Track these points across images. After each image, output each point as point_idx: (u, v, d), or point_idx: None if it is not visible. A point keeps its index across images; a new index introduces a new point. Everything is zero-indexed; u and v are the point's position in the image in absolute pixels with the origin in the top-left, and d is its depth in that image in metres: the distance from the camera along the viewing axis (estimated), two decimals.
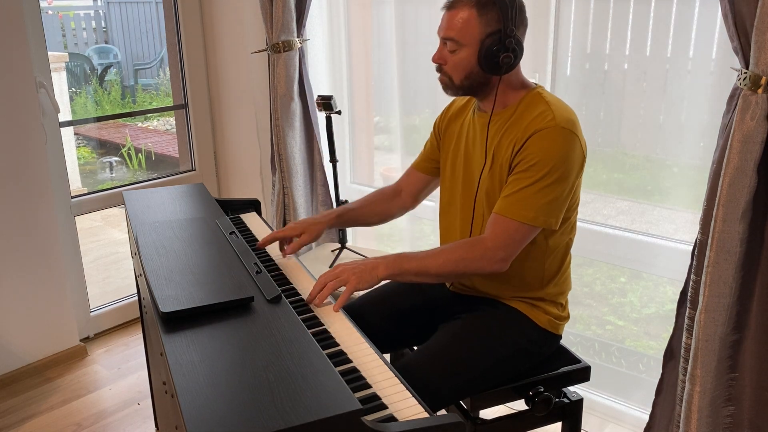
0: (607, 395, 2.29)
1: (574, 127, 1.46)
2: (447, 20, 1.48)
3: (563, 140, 1.43)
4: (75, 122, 4.91)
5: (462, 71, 1.50)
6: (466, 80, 1.51)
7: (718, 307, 1.55)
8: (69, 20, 6.03)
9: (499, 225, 1.46)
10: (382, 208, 1.85)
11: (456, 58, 1.49)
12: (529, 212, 1.43)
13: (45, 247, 2.60)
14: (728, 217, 1.49)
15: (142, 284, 1.69)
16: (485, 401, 1.57)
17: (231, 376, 1.08)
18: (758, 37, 1.38)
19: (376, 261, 1.46)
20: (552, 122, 1.44)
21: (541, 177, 1.43)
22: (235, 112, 3.11)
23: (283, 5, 2.50)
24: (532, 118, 1.47)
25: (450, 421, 1.05)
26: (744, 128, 1.43)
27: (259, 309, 1.32)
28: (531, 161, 1.44)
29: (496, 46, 1.44)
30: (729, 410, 1.64)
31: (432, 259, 1.47)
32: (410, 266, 1.46)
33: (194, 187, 2.10)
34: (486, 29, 1.45)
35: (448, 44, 1.49)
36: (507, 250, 1.45)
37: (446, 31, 1.48)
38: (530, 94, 1.53)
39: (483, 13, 1.44)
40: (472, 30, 1.45)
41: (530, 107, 1.50)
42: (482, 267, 1.46)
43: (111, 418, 2.38)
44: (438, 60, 1.53)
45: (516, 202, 1.45)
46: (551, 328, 1.62)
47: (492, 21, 1.44)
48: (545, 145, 1.43)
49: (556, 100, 1.51)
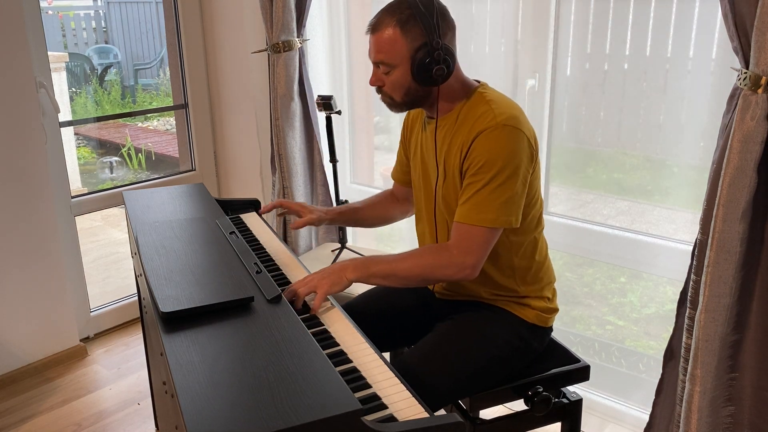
0: (607, 395, 2.29)
1: (516, 121, 1.45)
2: (374, 44, 1.49)
3: (506, 137, 1.43)
4: (75, 122, 4.91)
5: (400, 89, 1.50)
6: (407, 96, 1.52)
7: (718, 307, 1.55)
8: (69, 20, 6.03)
9: (461, 232, 1.47)
10: (384, 211, 1.87)
11: (392, 78, 1.49)
12: (488, 215, 1.44)
13: (45, 247, 2.60)
14: (728, 217, 1.49)
15: (142, 284, 1.69)
16: (484, 401, 1.57)
17: (231, 376, 1.08)
18: (758, 37, 1.38)
19: (344, 264, 1.48)
20: (493, 121, 1.44)
21: (492, 178, 1.43)
22: (235, 112, 3.12)
23: (283, 5, 2.50)
24: (475, 119, 1.48)
25: (450, 421, 1.05)
26: (744, 128, 1.43)
27: (259, 309, 1.32)
28: (479, 163, 1.44)
29: (427, 59, 1.44)
30: (729, 410, 1.64)
31: (400, 263, 1.48)
32: (378, 269, 1.47)
33: (194, 187, 2.10)
34: (412, 45, 1.45)
35: (381, 67, 1.50)
36: (474, 256, 1.45)
37: (376, 55, 1.49)
38: (472, 97, 1.53)
39: (406, 30, 1.44)
40: (399, 49, 1.45)
41: (473, 109, 1.51)
42: (450, 274, 1.47)
43: (111, 418, 2.38)
44: (375, 83, 1.53)
45: (473, 207, 1.45)
46: (540, 322, 1.62)
47: (417, 36, 1.44)
48: (489, 145, 1.43)
49: (498, 98, 1.51)
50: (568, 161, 2.27)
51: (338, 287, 1.45)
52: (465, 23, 2.37)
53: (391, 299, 1.78)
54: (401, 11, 1.45)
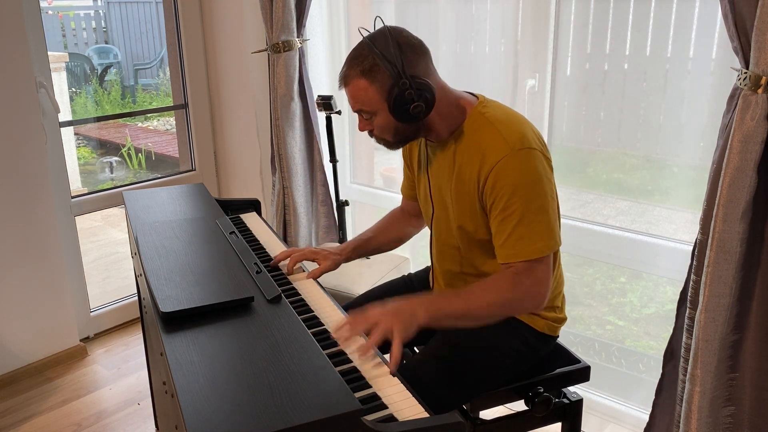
0: (607, 395, 2.29)
1: (527, 140, 1.41)
2: (348, 95, 1.48)
3: (525, 162, 1.39)
4: (75, 122, 4.91)
5: (389, 131, 1.49)
6: (398, 136, 1.50)
7: (718, 307, 1.55)
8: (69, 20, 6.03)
9: (518, 274, 1.41)
10: (397, 232, 1.83)
11: (377, 123, 1.48)
12: (536, 244, 1.39)
13: (45, 247, 2.60)
14: (728, 217, 1.49)
15: (142, 284, 1.69)
16: (485, 402, 1.57)
17: (231, 376, 1.08)
18: (758, 37, 1.38)
19: (412, 306, 1.35)
20: (506, 149, 1.39)
21: (525, 208, 1.38)
22: (235, 112, 3.12)
23: (283, 5, 2.50)
24: (485, 147, 1.42)
25: (450, 421, 1.05)
26: (744, 128, 1.43)
27: (259, 309, 1.32)
28: (505, 197, 1.39)
29: (401, 99, 1.40)
30: (729, 410, 1.64)
31: (473, 300, 1.40)
32: (451, 309, 1.39)
33: (194, 187, 2.10)
34: (383, 89, 1.42)
35: (363, 115, 1.49)
36: (544, 285, 1.41)
37: (353, 105, 1.49)
38: (473, 116, 1.49)
39: (372, 78, 1.42)
40: (371, 97, 1.44)
41: (478, 132, 1.46)
42: (528, 307, 1.45)
43: (111, 418, 2.38)
44: (364, 129, 1.53)
45: (519, 242, 1.40)
46: (549, 331, 1.62)
47: (384, 80, 1.41)
48: (511, 175, 1.39)
49: (500, 115, 1.47)
50: (568, 161, 2.27)
51: (410, 334, 1.31)
52: (465, 23, 2.37)
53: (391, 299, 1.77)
54: (363, 60, 1.43)
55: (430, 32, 2.51)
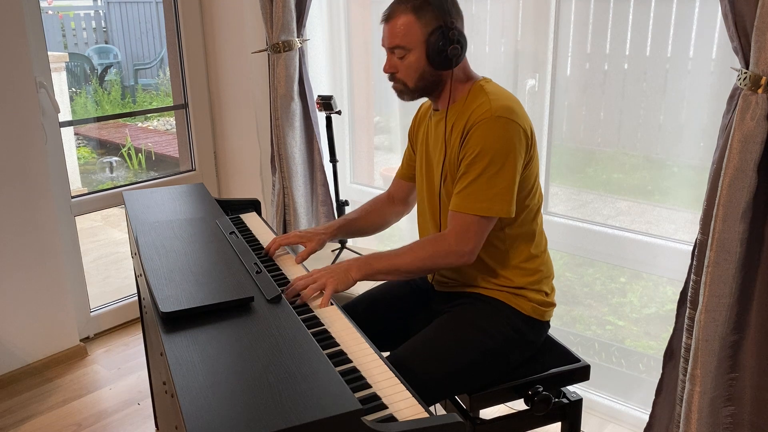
0: (607, 395, 2.29)
1: (511, 113, 1.49)
2: (389, 30, 1.55)
3: (500, 128, 1.47)
4: (75, 122, 4.91)
5: (414, 73, 1.56)
6: (420, 81, 1.57)
7: (718, 307, 1.55)
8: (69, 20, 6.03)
9: (456, 220, 1.52)
10: (378, 217, 1.90)
11: (406, 63, 1.55)
12: (482, 204, 1.49)
13: (45, 247, 2.60)
14: (728, 217, 1.49)
15: (142, 284, 1.69)
16: (485, 401, 1.57)
17: (231, 376, 1.08)
18: (758, 37, 1.38)
19: (348, 264, 1.52)
20: (488, 113, 1.49)
21: (485, 168, 1.48)
22: (235, 112, 3.12)
23: (283, 5, 2.50)
24: (472, 110, 1.52)
25: (450, 421, 1.05)
26: (744, 128, 1.43)
27: (259, 309, 1.32)
28: (473, 154, 1.49)
29: (442, 41, 1.51)
30: (729, 410, 1.64)
31: (402, 257, 1.54)
32: (381, 266, 1.54)
33: (194, 187, 2.10)
34: (427, 29, 1.51)
35: (396, 52, 1.55)
36: (470, 244, 1.51)
37: (391, 41, 1.55)
38: (474, 87, 1.58)
39: (421, 15, 1.51)
40: (414, 33, 1.52)
41: (473, 100, 1.55)
42: (450, 262, 1.53)
43: (111, 418, 2.38)
44: (389, 69, 1.59)
45: (467, 196, 1.50)
46: (536, 314, 1.62)
47: (431, 20, 1.51)
48: (483, 136, 1.48)
49: (496, 90, 1.56)
50: (568, 161, 2.27)
51: (344, 286, 1.49)
52: (465, 23, 2.37)
53: (390, 300, 1.78)
54: None
55: None
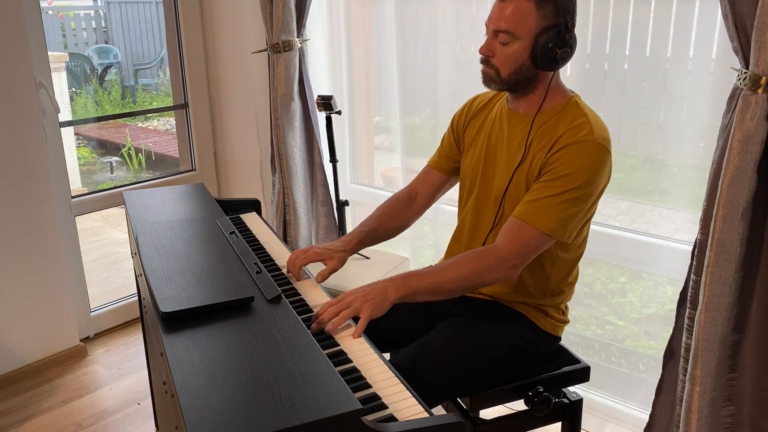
0: (607, 395, 2.29)
1: (609, 144, 1.44)
2: (501, 11, 1.42)
3: (598, 157, 1.41)
4: (75, 122, 4.91)
5: (512, 65, 1.45)
6: (515, 75, 1.46)
7: (718, 307, 1.55)
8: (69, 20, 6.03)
9: (515, 230, 1.42)
10: (398, 221, 1.77)
11: (507, 51, 1.43)
12: (551, 222, 1.41)
13: (45, 247, 2.60)
14: (728, 217, 1.49)
15: (142, 284, 1.69)
16: (485, 401, 1.57)
17: (231, 376, 1.08)
18: (758, 37, 1.38)
19: (384, 285, 1.39)
20: (590, 136, 1.42)
21: (569, 189, 1.40)
22: (235, 112, 3.12)
23: (283, 5, 2.50)
24: (569, 127, 1.44)
25: (450, 421, 1.05)
26: (744, 128, 1.43)
27: (259, 309, 1.32)
28: (562, 172, 1.41)
29: (553, 41, 1.40)
30: (729, 410, 1.64)
31: (443, 274, 1.41)
32: (421, 285, 1.40)
33: (194, 187, 2.10)
34: (543, 23, 1.40)
35: (500, 36, 1.43)
36: (520, 258, 1.42)
37: (499, 23, 1.42)
38: (570, 102, 1.51)
39: (542, 6, 1.39)
40: (529, 23, 1.40)
41: (567, 115, 1.48)
42: (496, 276, 1.42)
43: (111, 418, 2.38)
44: (486, 51, 1.47)
45: (538, 210, 1.41)
46: (552, 330, 1.62)
47: (550, 14, 1.40)
48: (580, 158, 1.40)
49: (594, 114, 1.49)
50: None
51: (380, 311, 1.37)
52: (465, 23, 2.37)
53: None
54: None
55: (430, 32, 2.51)
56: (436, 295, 1.42)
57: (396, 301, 1.39)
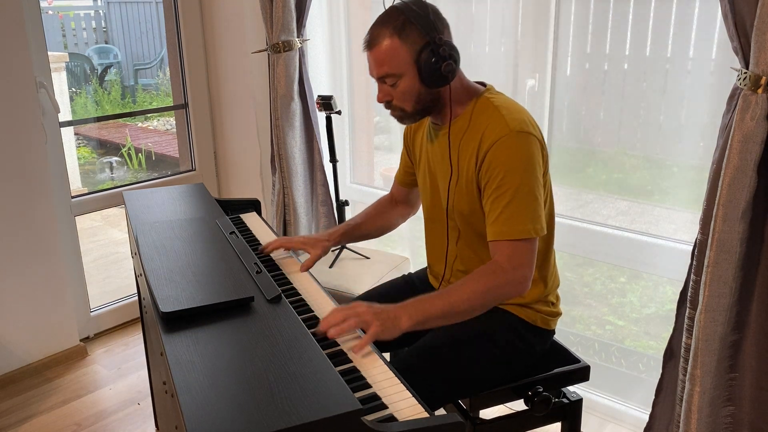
0: (606, 395, 2.29)
1: (527, 125, 1.43)
2: (374, 59, 1.45)
3: (521, 145, 1.41)
4: (75, 122, 4.91)
5: (411, 98, 1.47)
6: (419, 104, 1.49)
7: (718, 307, 1.55)
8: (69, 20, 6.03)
9: (505, 249, 1.42)
10: (383, 220, 1.86)
11: (399, 89, 1.46)
12: (526, 225, 1.41)
13: (45, 247, 2.60)
14: (728, 217, 1.49)
15: (142, 284, 1.69)
16: (485, 401, 1.57)
17: (231, 376, 1.08)
18: (758, 37, 1.38)
19: (396, 311, 1.34)
20: (506, 129, 1.41)
21: (517, 188, 1.40)
22: (235, 112, 3.12)
23: (283, 5, 2.50)
24: (486, 128, 1.45)
25: (450, 421, 1.05)
26: (744, 128, 1.43)
27: (259, 309, 1.32)
28: (499, 175, 1.41)
29: (433, 59, 1.41)
30: (729, 410, 1.64)
31: (455, 295, 1.38)
32: (434, 310, 1.36)
33: (194, 187, 2.10)
34: (414, 48, 1.41)
35: (387, 80, 1.46)
36: (527, 268, 1.41)
37: (378, 70, 1.46)
38: (480, 101, 1.51)
39: (404, 36, 1.41)
40: (401, 56, 1.42)
41: (481, 115, 1.48)
42: (508, 292, 1.41)
43: (111, 418, 2.38)
44: (384, 99, 1.50)
45: (507, 221, 1.41)
46: (543, 324, 1.62)
47: (416, 39, 1.41)
48: (506, 155, 1.41)
49: (505, 102, 1.49)
50: (568, 161, 2.27)
51: (389, 335, 1.31)
52: (465, 23, 2.37)
53: (390, 300, 1.78)
54: (395, 19, 1.42)
55: None
56: (450, 317, 1.38)
57: (408, 329, 1.34)
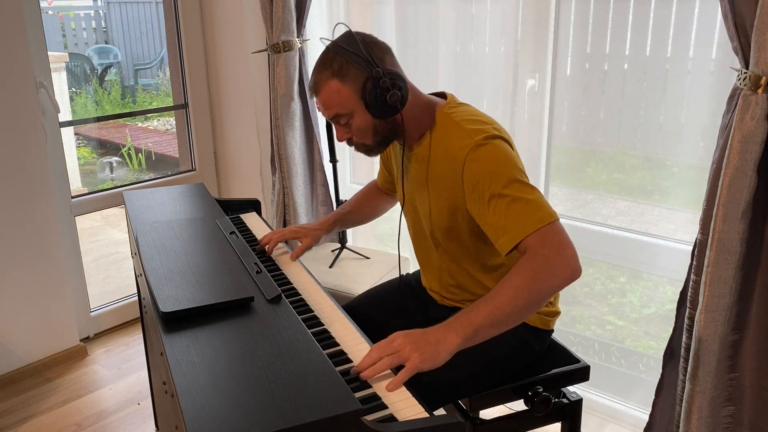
0: (606, 395, 2.29)
1: (489, 130, 1.42)
2: (321, 102, 1.46)
3: (491, 150, 1.39)
4: (75, 122, 4.91)
5: (368, 132, 1.47)
6: (378, 136, 1.48)
7: (718, 307, 1.55)
8: (69, 20, 6.03)
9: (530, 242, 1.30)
10: (372, 207, 1.90)
11: (355, 126, 1.47)
12: (537, 214, 1.31)
13: (45, 247, 2.60)
14: (728, 217, 1.49)
15: (142, 284, 1.69)
16: (485, 401, 1.57)
17: (231, 376, 1.08)
18: (758, 37, 1.38)
19: (440, 333, 1.23)
20: (470, 143, 1.40)
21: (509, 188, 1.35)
22: (235, 112, 3.12)
23: (283, 5, 2.50)
24: (453, 147, 1.43)
25: (450, 421, 1.05)
26: (744, 128, 1.43)
27: (259, 309, 1.32)
28: (486, 188, 1.37)
29: (377, 92, 1.40)
30: (729, 410, 1.64)
31: (500, 298, 1.25)
32: (481, 319, 1.24)
33: (194, 187, 2.10)
34: (356, 86, 1.42)
35: (340, 120, 1.47)
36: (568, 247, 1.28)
37: (328, 112, 1.47)
38: (440, 117, 1.50)
39: (344, 76, 1.41)
40: (346, 97, 1.43)
41: (444, 133, 1.48)
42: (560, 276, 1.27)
43: (111, 418, 2.38)
44: (343, 138, 1.51)
45: (516, 220, 1.32)
46: (542, 325, 1.62)
47: (356, 76, 1.41)
48: (483, 166, 1.38)
49: (465, 115, 1.47)
50: (568, 161, 2.27)
51: (430, 364, 1.20)
52: (465, 23, 2.37)
53: (391, 299, 1.78)
54: (331, 61, 1.42)
55: (430, 32, 2.51)
56: (500, 323, 1.26)
57: (458, 348, 1.23)
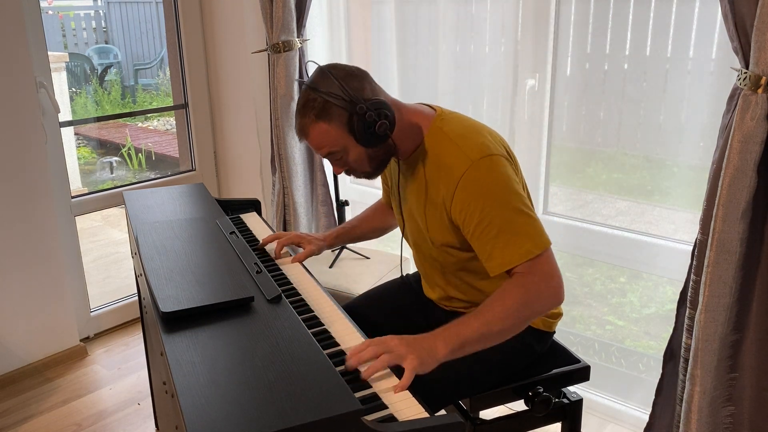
0: (607, 395, 2.29)
1: (486, 148, 1.40)
2: (312, 145, 1.47)
3: (488, 170, 1.38)
4: (75, 122, 4.91)
5: (364, 162, 1.48)
6: (373, 162, 1.49)
7: (718, 307, 1.55)
8: (69, 20, 6.03)
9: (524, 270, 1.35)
10: (379, 222, 1.88)
11: (349, 159, 1.47)
12: (525, 246, 1.34)
13: (45, 247, 2.60)
14: (728, 217, 1.49)
15: (143, 284, 1.69)
16: (485, 401, 1.57)
17: (231, 376, 1.08)
18: (758, 37, 1.38)
19: (430, 341, 1.28)
20: (466, 161, 1.39)
21: (501, 214, 1.35)
22: (235, 112, 3.12)
23: (283, 5, 2.50)
24: (448, 165, 1.42)
25: (450, 421, 1.05)
26: (744, 128, 1.43)
27: (259, 309, 1.32)
28: (477, 210, 1.37)
29: (364, 124, 1.40)
30: (729, 410, 1.64)
31: (489, 314, 1.31)
32: (470, 333, 1.29)
33: (194, 187, 2.10)
34: (341, 124, 1.41)
35: (334, 156, 1.48)
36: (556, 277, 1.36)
37: (321, 152, 1.47)
38: (432, 132, 1.49)
39: (327, 117, 1.41)
40: (334, 136, 1.43)
41: (438, 148, 1.46)
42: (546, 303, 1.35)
43: (111, 418, 2.38)
44: (340, 171, 1.52)
45: (505, 250, 1.35)
46: (544, 327, 1.62)
47: (340, 114, 1.41)
48: (477, 187, 1.37)
49: (458, 129, 1.46)
50: (568, 161, 2.27)
51: (426, 368, 1.25)
52: (465, 23, 2.37)
53: (391, 299, 1.78)
54: (312, 106, 1.42)
55: (430, 32, 2.51)
56: (486, 340, 1.32)
57: (444, 359, 1.28)
